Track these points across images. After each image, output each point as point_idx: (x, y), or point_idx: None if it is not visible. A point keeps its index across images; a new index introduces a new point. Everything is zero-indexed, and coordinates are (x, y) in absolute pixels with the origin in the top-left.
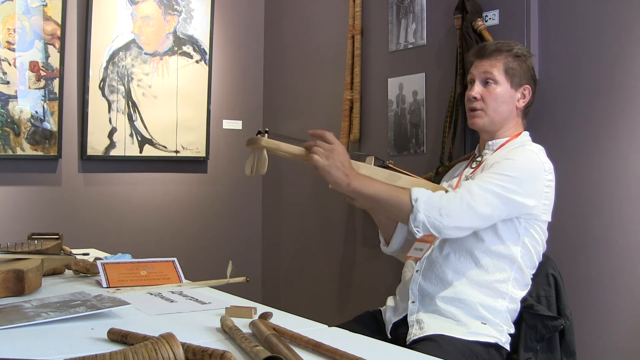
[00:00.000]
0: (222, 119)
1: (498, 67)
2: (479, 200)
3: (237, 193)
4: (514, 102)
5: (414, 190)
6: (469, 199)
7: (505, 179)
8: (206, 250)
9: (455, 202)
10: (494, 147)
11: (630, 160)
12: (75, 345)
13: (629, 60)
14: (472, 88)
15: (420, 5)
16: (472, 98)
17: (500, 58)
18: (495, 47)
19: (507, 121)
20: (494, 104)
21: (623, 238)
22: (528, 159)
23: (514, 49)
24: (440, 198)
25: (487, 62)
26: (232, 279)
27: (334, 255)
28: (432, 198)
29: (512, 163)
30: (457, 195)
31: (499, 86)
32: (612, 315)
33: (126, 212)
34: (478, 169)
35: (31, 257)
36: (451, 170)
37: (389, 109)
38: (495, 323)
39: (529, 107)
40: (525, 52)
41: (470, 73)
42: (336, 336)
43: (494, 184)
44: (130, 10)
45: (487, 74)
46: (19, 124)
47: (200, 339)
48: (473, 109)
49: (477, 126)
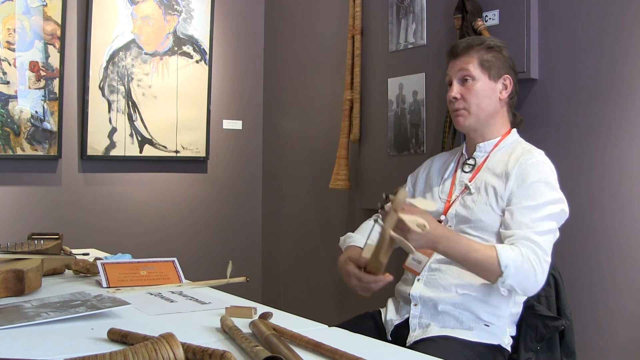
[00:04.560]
0: (222, 119)
1: (472, 62)
2: (549, 249)
3: (237, 193)
4: (496, 94)
5: (502, 256)
6: (544, 256)
7: (549, 207)
8: (206, 250)
9: (537, 264)
10: (487, 149)
11: (631, 160)
12: (75, 345)
13: (629, 60)
14: (451, 89)
15: (420, 5)
16: (452, 99)
17: (472, 53)
18: (466, 44)
19: (493, 117)
20: (476, 100)
21: (623, 238)
22: (547, 173)
23: (486, 41)
24: (523, 262)
25: (460, 60)
26: (232, 279)
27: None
28: (519, 264)
29: (539, 187)
30: (534, 255)
31: (477, 81)
32: (612, 315)
33: (126, 212)
34: (476, 173)
35: (31, 257)
36: (431, 169)
37: (389, 109)
38: (498, 327)
39: (513, 97)
40: (499, 43)
41: (447, 75)
42: (336, 336)
43: (548, 222)
44: (130, 10)
45: (462, 72)
46: (19, 124)
47: (200, 339)
48: (456, 109)
49: (462, 126)
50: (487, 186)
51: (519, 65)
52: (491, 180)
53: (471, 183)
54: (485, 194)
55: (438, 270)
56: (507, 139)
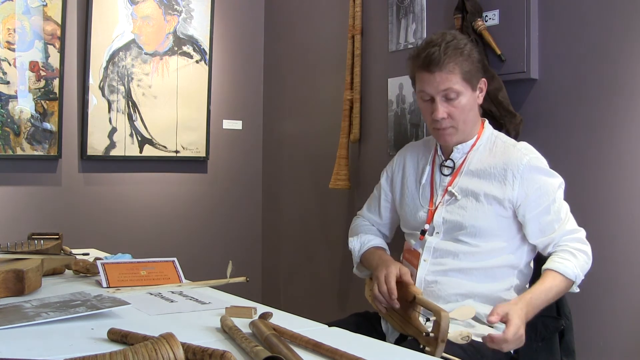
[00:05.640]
0: (222, 119)
1: (455, 78)
2: (575, 223)
3: (237, 193)
4: (477, 103)
5: (568, 274)
6: (580, 233)
7: (559, 193)
8: (206, 250)
9: (584, 244)
10: (465, 150)
11: (631, 160)
12: (75, 345)
13: (629, 60)
14: (435, 108)
15: (420, 5)
16: (439, 119)
17: (453, 67)
18: (444, 55)
19: (475, 125)
20: (463, 117)
21: (623, 238)
22: (542, 164)
23: (462, 48)
24: (579, 258)
25: (441, 75)
26: (232, 279)
27: (334, 255)
28: (581, 263)
29: (545, 181)
30: (577, 242)
31: (462, 97)
32: (612, 315)
33: (126, 212)
34: (456, 177)
35: (31, 257)
36: (405, 167)
37: (389, 109)
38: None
39: None
40: (471, 45)
41: (423, 91)
42: (336, 336)
43: (564, 204)
44: (130, 10)
45: (447, 90)
46: (19, 124)
47: (200, 339)
48: (443, 128)
49: (449, 143)
50: (478, 191)
51: (519, 66)
52: (481, 185)
53: (455, 188)
54: (476, 200)
55: (435, 282)
56: (482, 136)
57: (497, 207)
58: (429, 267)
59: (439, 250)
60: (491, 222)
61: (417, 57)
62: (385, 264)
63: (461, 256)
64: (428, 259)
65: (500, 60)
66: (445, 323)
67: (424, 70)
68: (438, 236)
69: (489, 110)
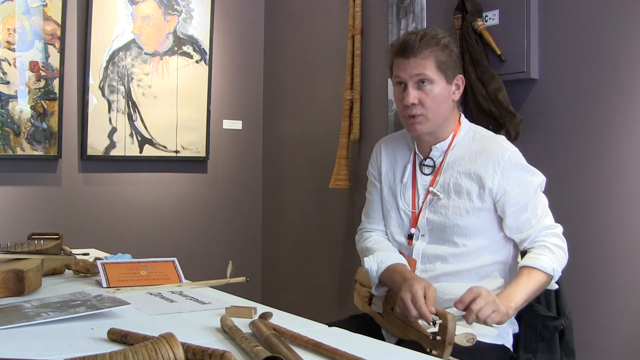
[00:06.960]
0: (222, 119)
1: (429, 64)
2: (553, 219)
3: (237, 193)
4: (451, 97)
5: (546, 268)
6: (557, 229)
7: (538, 190)
8: (206, 250)
9: (561, 240)
10: (444, 149)
11: (631, 160)
12: (75, 345)
13: (629, 60)
14: (407, 93)
15: (420, 5)
16: (409, 105)
17: (428, 54)
18: (420, 42)
19: (447, 119)
20: (434, 106)
21: (623, 238)
22: (520, 159)
23: (440, 39)
24: (557, 253)
25: (415, 61)
26: (232, 279)
27: (334, 255)
28: (558, 257)
29: (524, 177)
30: (554, 237)
31: (435, 86)
32: (612, 315)
33: (126, 212)
34: (437, 175)
35: (31, 257)
36: (387, 163)
37: (389, 109)
38: (502, 327)
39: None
40: (450, 39)
41: (397, 76)
42: (336, 336)
43: (542, 201)
44: (130, 10)
45: (420, 75)
46: (19, 124)
47: (200, 339)
48: (412, 115)
49: (418, 133)
50: (458, 188)
51: (519, 66)
52: (461, 182)
53: (436, 187)
54: (458, 197)
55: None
56: (459, 133)
57: (477, 202)
58: (419, 274)
59: (427, 256)
60: (474, 220)
61: (395, 44)
62: (409, 284)
63: (450, 259)
64: (418, 266)
65: (500, 60)
66: (452, 325)
67: (399, 56)
68: (424, 239)
69: (489, 110)
